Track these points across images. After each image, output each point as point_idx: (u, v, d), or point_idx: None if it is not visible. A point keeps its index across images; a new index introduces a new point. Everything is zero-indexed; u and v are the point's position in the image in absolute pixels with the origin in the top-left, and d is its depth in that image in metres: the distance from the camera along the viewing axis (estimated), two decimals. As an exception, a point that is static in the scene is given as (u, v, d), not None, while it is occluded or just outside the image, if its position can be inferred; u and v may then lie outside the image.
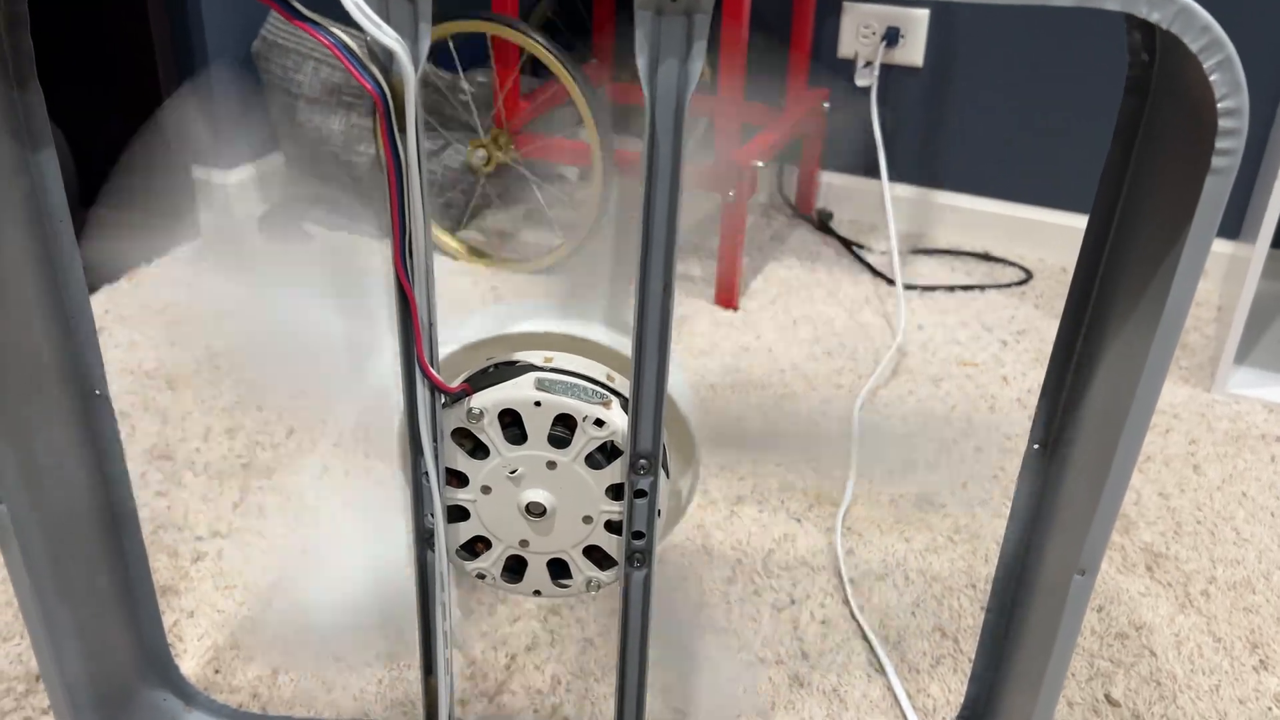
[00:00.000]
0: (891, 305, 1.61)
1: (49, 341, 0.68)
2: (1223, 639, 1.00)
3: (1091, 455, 0.62)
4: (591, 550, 0.66)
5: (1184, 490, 1.20)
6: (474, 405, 0.61)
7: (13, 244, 0.64)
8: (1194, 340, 1.54)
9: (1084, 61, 1.69)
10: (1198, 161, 0.51)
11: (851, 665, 0.95)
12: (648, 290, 0.56)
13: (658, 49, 0.49)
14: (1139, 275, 0.58)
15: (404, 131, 0.52)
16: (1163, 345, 0.55)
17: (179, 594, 1.00)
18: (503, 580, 0.68)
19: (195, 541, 1.06)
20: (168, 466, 1.17)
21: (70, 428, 0.70)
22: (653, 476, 0.61)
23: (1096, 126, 1.71)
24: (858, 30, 1.80)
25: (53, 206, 0.66)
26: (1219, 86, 0.48)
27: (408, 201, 0.53)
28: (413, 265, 0.55)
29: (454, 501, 0.65)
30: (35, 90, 0.63)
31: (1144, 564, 1.09)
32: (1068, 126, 1.74)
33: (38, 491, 0.68)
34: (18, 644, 0.93)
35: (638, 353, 0.57)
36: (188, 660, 0.92)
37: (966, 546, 1.10)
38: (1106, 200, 0.62)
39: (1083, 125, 1.72)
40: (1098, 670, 0.95)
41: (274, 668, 0.92)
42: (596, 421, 0.61)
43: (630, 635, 0.66)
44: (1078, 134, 1.73)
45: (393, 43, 0.49)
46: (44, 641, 0.72)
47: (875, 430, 1.28)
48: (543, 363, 0.64)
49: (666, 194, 0.53)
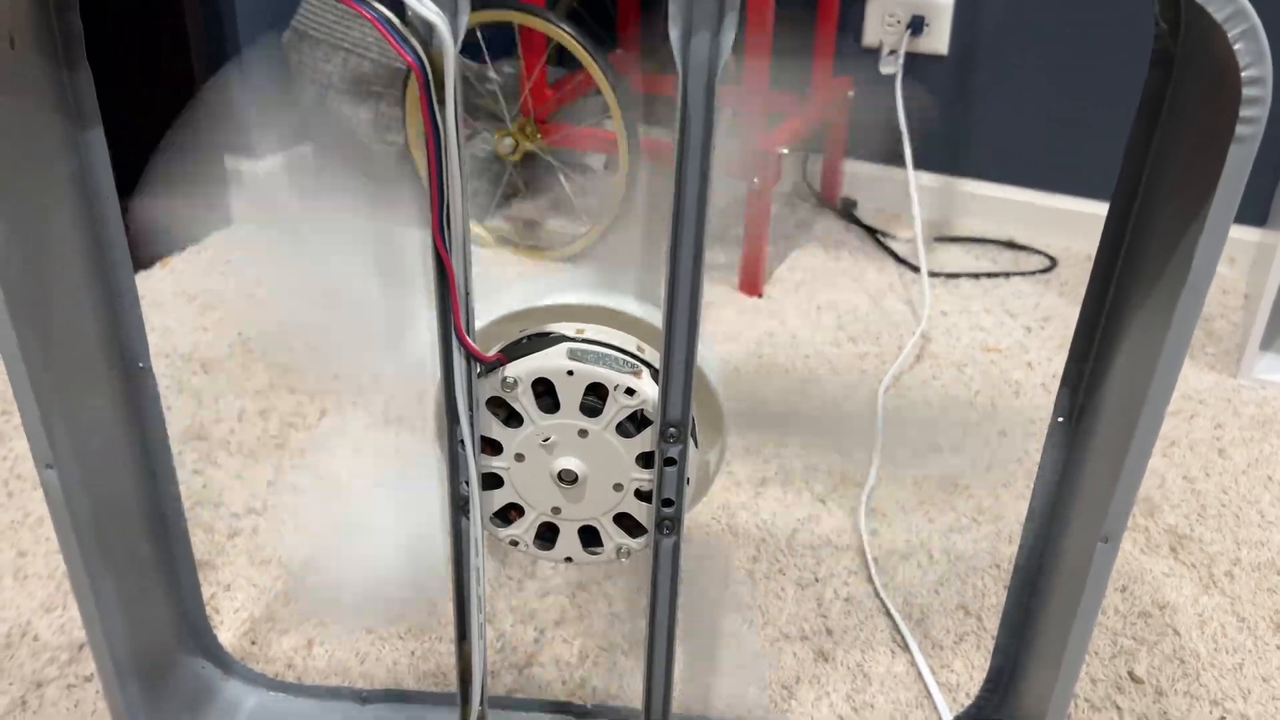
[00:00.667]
0: (916, 292, 1.61)
1: (96, 317, 0.70)
2: (1246, 619, 1.00)
3: (1115, 426, 0.63)
4: (622, 518, 0.67)
5: (1209, 474, 1.21)
6: (508, 374, 0.63)
7: (63, 221, 0.66)
8: (1220, 327, 1.54)
9: (1109, 49, 1.69)
10: (1222, 132, 0.51)
11: (875, 641, 0.96)
12: (679, 263, 0.57)
13: (690, 20, 0.51)
14: (1163, 248, 0.59)
15: (443, 104, 0.53)
16: (1185, 317, 0.56)
17: (216, 569, 1.02)
18: (535, 547, 0.69)
19: (231, 518, 1.08)
20: (203, 446, 1.19)
21: (116, 399, 0.72)
22: (682, 445, 0.63)
23: (1120, 114, 1.71)
24: (883, 18, 1.81)
25: (100, 185, 0.68)
26: (1243, 56, 0.49)
27: (446, 173, 0.55)
28: (450, 236, 0.57)
29: (488, 469, 0.66)
30: (85, 71, 0.65)
31: (1168, 545, 1.09)
32: (1092, 114, 1.74)
33: (86, 462, 0.70)
34: (60, 615, 0.96)
35: (668, 322, 0.59)
36: (225, 631, 0.95)
37: (990, 527, 1.11)
38: (1130, 176, 0.63)
39: (1107, 113, 1.72)
40: (1121, 648, 0.96)
41: (309, 639, 0.94)
42: (627, 390, 0.63)
43: (659, 600, 0.67)
44: (1102, 121, 1.73)
45: (434, 16, 0.50)
46: (91, 609, 0.74)
47: (899, 413, 1.29)
48: (575, 334, 0.65)
49: (698, 165, 0.54)
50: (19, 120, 0.61)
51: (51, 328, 0.65)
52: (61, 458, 0.66)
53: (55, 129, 0.64)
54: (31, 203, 0.63)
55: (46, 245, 0.64)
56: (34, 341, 0.63)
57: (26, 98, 0.61)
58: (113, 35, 1.65)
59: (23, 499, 1.10)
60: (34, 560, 1.02)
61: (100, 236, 0.69)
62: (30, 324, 0.63)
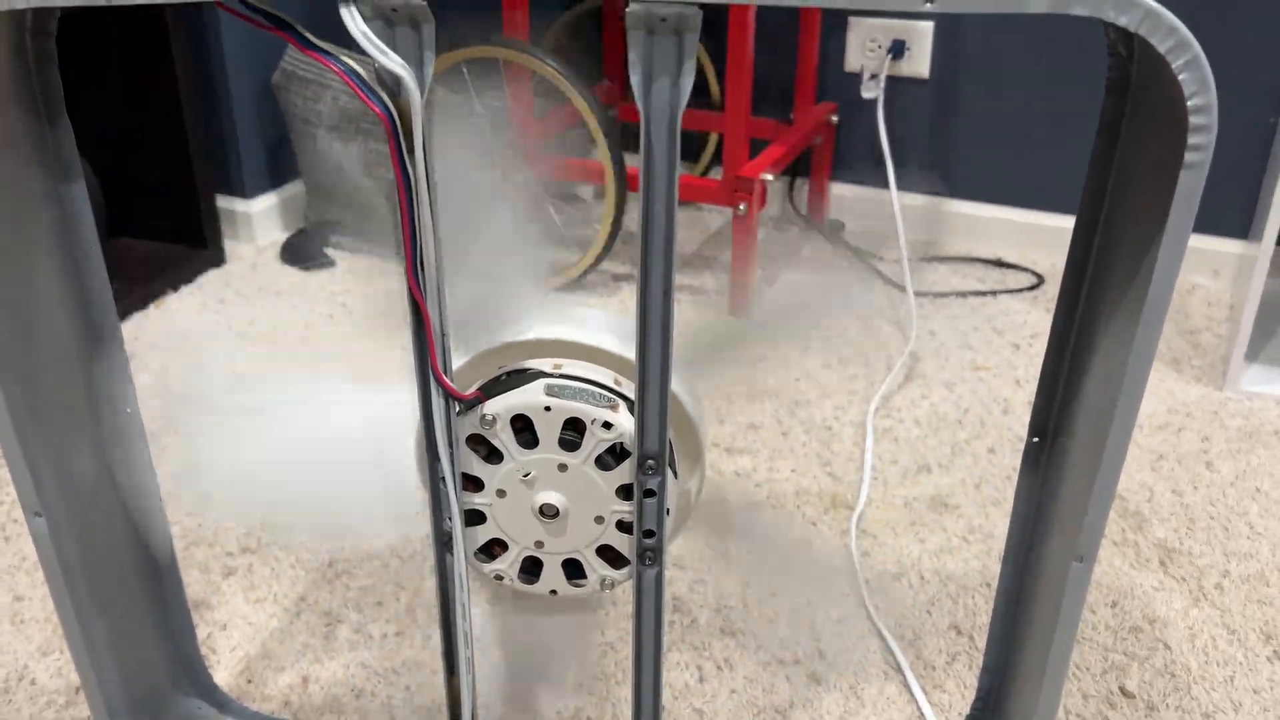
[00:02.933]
0: (904, 313, 1.63)
1: (81, 363, 0.71)
2: (1237, 631, 1.01)
3: (1086, 444, 0.64)
4: (604, 550, 0.68)
5: (1197, 487, 1.21)
6: (487, 411, 0.64)
7: (45, 271, 0.67)
8: (1206, 339, 1.55)
9: (1086, 67, 1.70)
10: (1173, 157, 0.53)
11: (868, 664, 0.97)
12: (649, 295, 0.58)
13: (650, 67, 0.52)
14: (1125, 268, 0.60)
15: (413, 153, 0.54)
16: (1147, 335, 0.57)
17: (211, 607, 1.03)
18: (520, 581, 0.70)
19: (225, 557, 1.09)
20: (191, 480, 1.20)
21: (103, 445, 0.73)
22: (660, 476, 0.64)
23: (1103, 130, 1.72)
24: (864, 44, 1.83)
25: (82, 234, 0.69)
26: (1188, 85, 0.50)
27: (418, 218, 0.56)
28: (424, 278, 0.58)
29: (470, 505, 0.67)
30: (64, 125, 0.66)
31: (1157, 559, 1.10)
32: (1074, 131, 1.75)
33: (74, 507, 0.71)
34: (57, 658, 0.96)
35: (641, 356, 0.60)
36: (221, 670, 0.95)
37: (980, 546, 1.12)
38: (1093, 197, 0.64)
39: (1088, 130, 1.73)
40: (1112, 663, 0.97)
41: (304, 676, 0.95)
42: (604, 424, 0.64)
43: (644, 630, 0.68)
44: (1084, 139, 1.75)
45: (399, 69, 0.52)
46: (82, 652, 0.75)
47: (889, 433, 1.30)
48: (552, 369, 0.67)
49: (664, 204, 0.55)
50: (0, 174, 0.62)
51: (36, 376, 0.66)
52: (49, 505, 0.67)
53: (36, 181, 0.65)
54: (13, 253, 0.64)
55: (30, 294, 0.66)
56: (18, 390, 0.64)
57: (6, 151, 0.62)
58: (102, 77, 1.67)
59: (19, 543, 1.11)
60: (31, 604, 1.02)
61: (84, 284, 0.70)
62: (14, 373, 0.64)
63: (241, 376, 1.43)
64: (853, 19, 1.82)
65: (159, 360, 1.47)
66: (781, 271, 1.78)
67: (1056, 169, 1.79)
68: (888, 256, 1.82)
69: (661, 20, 0.51)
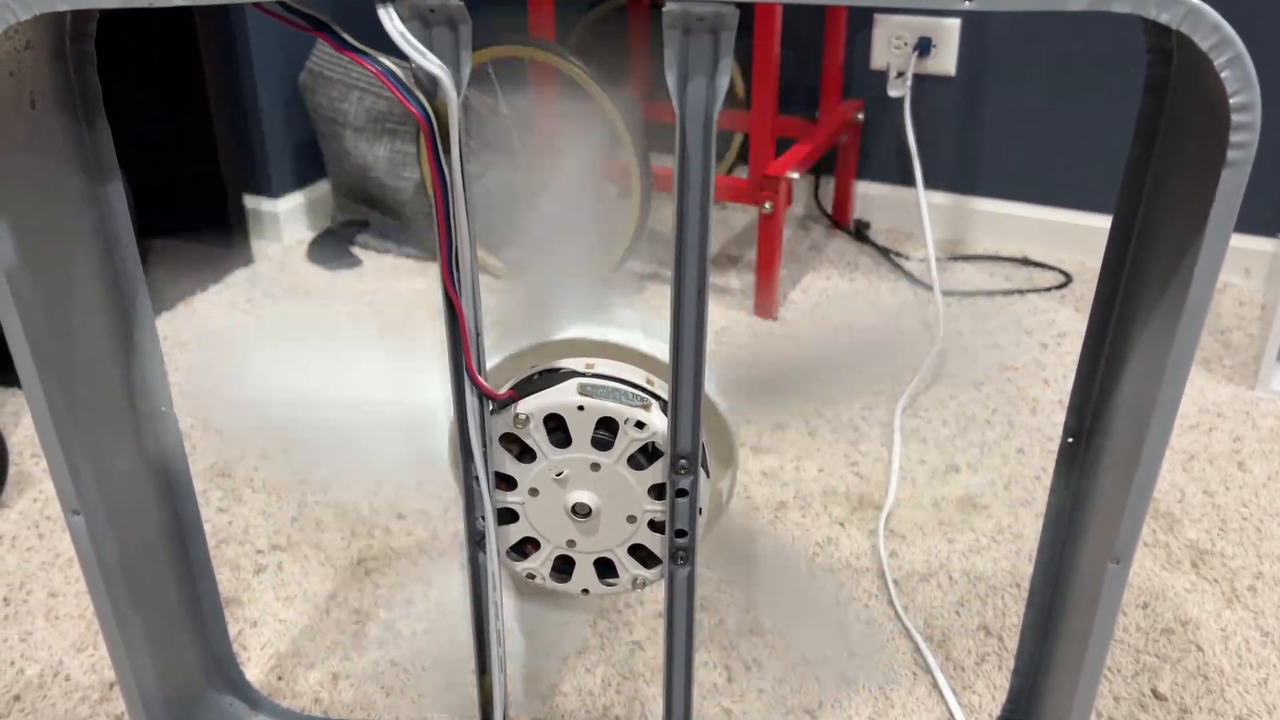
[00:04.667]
0: (931, 312, 1.62)
1: (118, 363, 0.72)
2: (1270, 633, 1.00)
3: (1123, 445, 0.64)
4: (636, 549, 0.68)
5: (1229, 488, 1.20)
6: (520, 411, 0.64)
7: (84, 271, 0.68)
8: (1237, 339, 1.53)
9: (1116, 64, 1.69)
10: (1214, 156, 0.52)
11: (897, 664, 0.97)
12: (683, 296, 0.58)
13: (686, 66, 0.52)
14: (1163, 268, 0.60)
15: (449, 153, 0.55)
16: (1187, 335, 0.56)
17: (242, 605, 1.03)
18: (552, 580, 0.70)
19: (256, 555, 1.10)
20: (227, 484, 1.21)
21: (139, 444, 0.74)
22: (693, 476, 0.64)
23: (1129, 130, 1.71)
24: (890, 41, 1.82)
25: (119, 235, 0.70)
26: (1230, 83, 0.49)
27: (454, 218, 0.56)
28: (459, 278, 0.58)
29: (503, 504, 0.67)
30: (103, 127, 0.67)
31: (1189, 560, 1.09)
32: (1102, 129, 1.74)
33: (111, 505, 0.71)
34: (91, 654, 0.97)
35: (675, 356, 0.60)
36: (252, 667, 0.96)
37: (1010, 546, 1.11)
38: (1130, 196, 0.64)
39: (1116, 127, 1.72)
40: (1144, 665, 0.96)
41: (334, 673, 0.95)
42: (637, 424, 0.64)
43: (676, 629, 0.68)
44: (1112, 136, 1.73)
45: (437, 69, 0.52)
46: (119, 649, 0.75)
47: (918, 433, 1.30)
48: (584, 369, 0.67)
49: (698, 203, 0.55)
50: (41, 176, 0.63)
51: (75, 376, 0.67)
52: (88, 503, 0.68)
53: (76, 183, 0.66)
54: (54, 255, 0.64)
55: (69, 296, 0.66)
56: (59, 390, 0.65)
57: (48, 155, 0.63)
58: (133, 81, 1.68)
59: (53, 540, 1.12)
60: (65, 601, 1.03)
61: (121, 285, 0.71)
62: (55, 373, 0.65)
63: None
64: (879, 16, 1.81)
65: (188, 359, 1.49)
66: (806, 271, 1.77)
67: (1083, 167, 1.78)
68: (914, 255, 1.82)
69: (698, 19, 0.51)
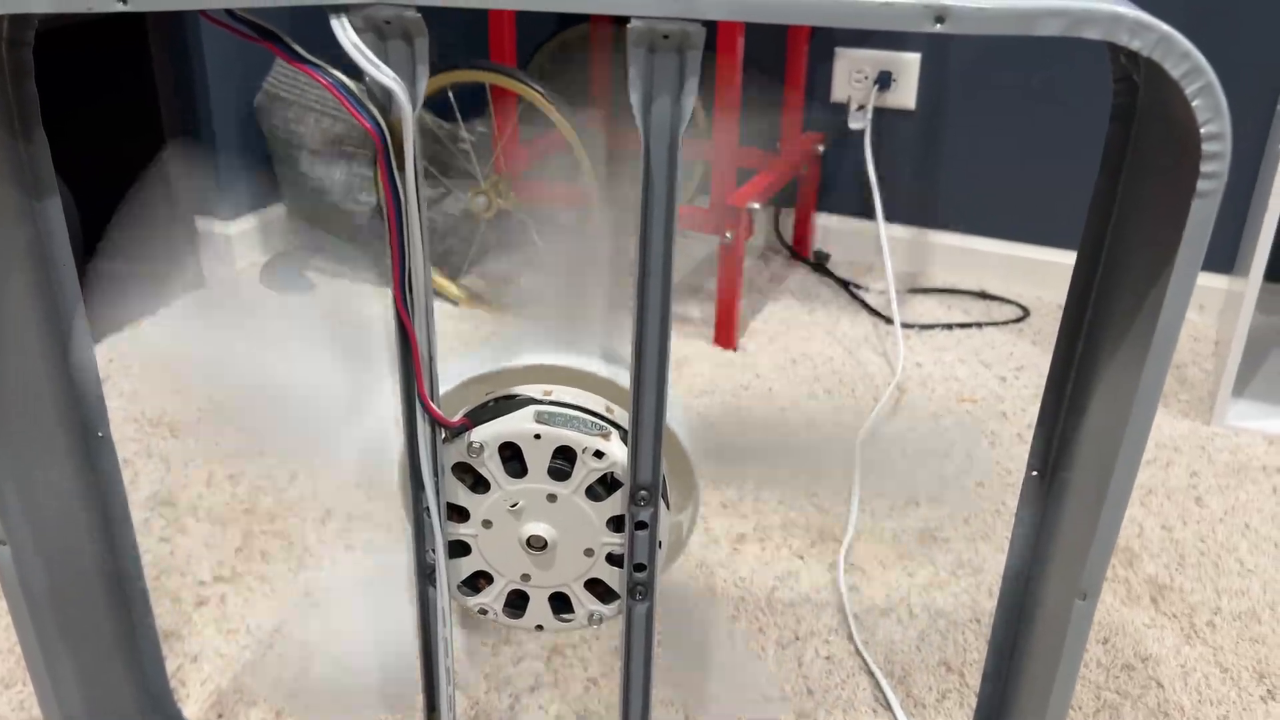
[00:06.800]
0: (890, 344, 1.62)
1: (52, 385, 0.68)
2: (1230, 669, 0.99)
3: (1089, 479, 0.63)
4: (593, 583, 0.66)
5: (1186, 523, 1.20)
6: (474, 439, 0.62)
7: (17, 290, 0.65)
8: (1192, 374, 1.54)
9: (1076, 100, 1.71)
10: (1184, 185, 0.51)
11: (857, 701, 0.95)
12: (645, 322, 0.57)
13: (651, 85, 0.51)
14: (1130, 300, 0.59)
15: (403, 170, 0.53)
16: (1155, 368, 0.56)
17: (182, 638, 0.99)
18: (505, 615, 0.68)
19: (198, 586, 1.06)
20: (170, 512, 1.17)
21: (73, 470, 0.71)
22: (653, 508, 0.62)
23: (1088, 164, 1.73)
24: (850, 75, 1.83)
25: (56, 254, 0.67)
26: (1201, 112, 0.49)
27: (407, 238, 0.54)
28: (412, 301, 0.56)
29: (455, 536, 0.65)
30: (41, 140, 0.64)
31: (1149, 596, 1.08)
32: (1061, 165, 1.76)
33: (41, 534, 0.68)
34: (20, 690, 0.93)
35: (636, 384, 0.58)
36: (191, 705, 0.92)
37: (970, 580, 1.10)
38: (1096, 227, 0.63)
39: (1075, 163, 1.74)
40: (1105, 702, 0.95)
41: (277, 711, 0.91)
42: (596, 453, 0.62)
43: (633, 668, 0.66)
44: (1071, 172, 1.75)
45: (391, 83, 0.50)
46: (46, 686, 0.72)
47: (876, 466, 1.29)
48: (542, 395, 0.65)
49: (662, 227, 0.54)
50: (-27, 189, 0.60)
51: (5, 398, 0.64)
52: (15, 532, 0.65)
53: (10, 198, 0.63)
54: (-14, 272, 0.62)
55: (1, 314, 0.63)
56: (-13, 414, 0.62)
57: (-19, 167, 0.60)
58: (81, 98, 1.65)
59: (-17, 571, 1.07)
60: (-7, 635, 0.99)
61: (58, 305, 0.68)
62: (-17, 396, 0.62)
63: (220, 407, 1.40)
64: (840, 49, 1.82)
65: (132, 384, 1.44)
66: (766, 301, 1.77)
67: (1041, 202, 1.79)
68: (873, 287, 1.82)
69: (664, 37, 0.49)
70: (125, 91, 1.63)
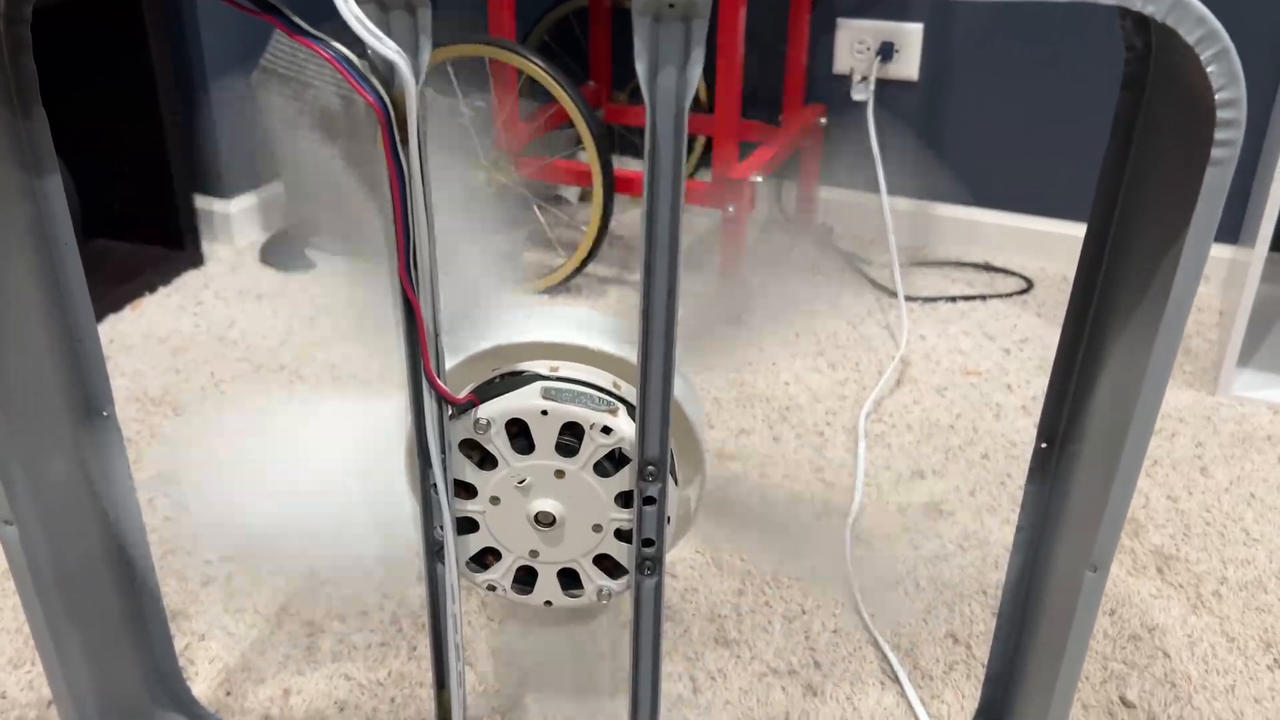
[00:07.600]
0: (894, 317, 1.61)
1: (55, 365, 0.68)
2: (1236, 639, 0.99)
3: (1099, 451, 0.62)
4: (601, 559, 0.66)
5: (1192, 493, 1.20)
6: (481, 415, 0.62)
7: (19, 269, 0.64)
8: (1197, 345, 1.54)
9: (1079, 70, 1.70)
10: (1197, 154, 0.51)
11: (865, 674, 0.95)
12: (653, 297, 0.56)
13: (656, 55, 0.50)
14: (1141, 270, 0.58)
15: (407, 144, 0.52)
16: (1167, 339, 0.55)
17: (189, 617, 0.99)
18: (513, 591, 0.68)
19: (205, 565, 1.06)
20: (175, 491, 1.17)
21: (79, 450, 0.71)
22: (661, 483, 0.61)
23: (1093, 135, 1.72)
24: (852, 46, 1.81)
25: (58, 232, 0.66)
26: (1216, 78, 0.48)
27: (411, 212, 0.54)
28: (417, 275, 0.56)
29: (463, 513, 0.65)
30: (40, 117, 0.63)
31: (1154, 566, 1.08)
32: (1064, 135, 1.75)
33: (47, 514, 0.68)
34: (29, 670, 0.93)
35: (643, 359, 0.58)
36: (199, 683, 0.92)
37: (976, 553, 1.10)
38: (1106, 198, 0.63)
39: (1079, 134, 1.73)
40: (1112, 673, 0.95)
41: (285, 688, 0.92)
42: (603, 429, 0.62)
43: (642, 643, 0.66)
44: (1074, 143, 1.74)
45: (394, 55, 0.49)
46: (55, 665, 0.72)
47: (881, 439, 1.28)
48: (549, 371, 0.64)
49: (669, 198, 0.53)
50: (-27, 168, 0.59)
51: (9, 378, 0.63)
52: (21, 513, 0.64)
53: (10, 176, 0.62)
54: (-13, 251, 0.61)
55: (3, 294, 0.63)
56: (-9, 394, 0.61)
57: (-20, 145, 0.60)
58: (79, 76, 1.63)
59: (-11, 551, 1.07)
60: (1, 614, 0.99)
61: (60, 283, 0.67)
62: (-13, 376, 0.61)
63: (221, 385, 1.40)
64: (841, 20, 1.81)
65: (134, 364, 1.44)
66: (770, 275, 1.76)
67: (1045, 173, 1.78)
68: (877, 260, 1.81)
69: (669, 6, 0.48)
70: (121, 70, 1.61)
